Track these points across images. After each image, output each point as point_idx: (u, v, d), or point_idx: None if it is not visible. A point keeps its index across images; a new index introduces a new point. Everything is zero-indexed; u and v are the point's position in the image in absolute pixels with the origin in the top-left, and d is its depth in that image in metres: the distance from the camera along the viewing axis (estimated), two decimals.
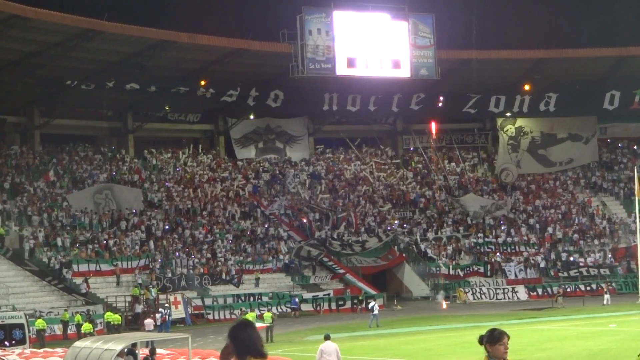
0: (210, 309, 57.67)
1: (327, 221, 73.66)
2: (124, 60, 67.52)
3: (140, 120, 76.93)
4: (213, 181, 76.02)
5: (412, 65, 73.43)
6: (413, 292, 68.96)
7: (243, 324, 7.33)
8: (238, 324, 7.33)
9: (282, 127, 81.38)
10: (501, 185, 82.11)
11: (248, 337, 7.15)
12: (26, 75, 64.63)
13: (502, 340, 9.39)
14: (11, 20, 59.17)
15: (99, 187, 70.02)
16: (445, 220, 75.87)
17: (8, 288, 52.90)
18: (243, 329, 7.24)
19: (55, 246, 60.95)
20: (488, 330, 9.65)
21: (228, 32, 70.88)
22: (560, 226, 75.67)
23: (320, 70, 71.59)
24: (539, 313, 54.67)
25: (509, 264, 71.06)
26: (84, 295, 56.58)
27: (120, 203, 68.72)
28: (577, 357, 30.34)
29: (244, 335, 7.16)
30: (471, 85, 78.39)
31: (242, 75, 72.22)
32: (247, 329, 7.24)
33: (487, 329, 9.96)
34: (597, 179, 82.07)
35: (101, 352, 23.73)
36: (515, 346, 9.56)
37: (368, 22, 73.07)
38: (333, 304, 63.11)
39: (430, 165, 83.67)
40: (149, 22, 68.31)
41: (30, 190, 66.67)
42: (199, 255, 64.80)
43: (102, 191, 69.43)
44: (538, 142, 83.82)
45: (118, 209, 68.16)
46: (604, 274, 69.92)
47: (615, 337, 36.42)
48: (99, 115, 74.53)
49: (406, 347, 37.16)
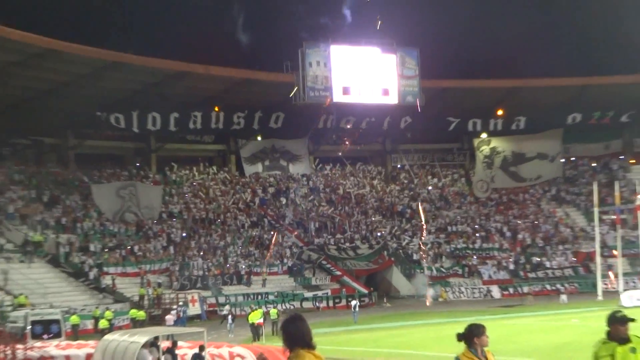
0: (223, 306, 57.61)
1: (326, 229, 73.69)
2: (146, 89, 67.64)
3: (162, 141, 76.92)
4: (225, 194, 76.02)
5: (400, 93, 73.63)
6: (400, 291, 68.92)
7: (294, 318, 7.31)
8: (290, 318, 7.34)
9: (285, 147, 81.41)
10: (477, 198, 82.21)
11: (297, 329, 7.15)
12: (61, 102, 64.70)
13: (485, 332, 9.54)
14: (47, 54, 59.35)
15: (124, 184, 70.42)
16: (428, 228, 75.88)
17: (46, 288, 52.86)
18: (293, 322, 7.22)
19: (87, 251, 61.00)
20: (472, 325, 9.73)
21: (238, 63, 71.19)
22: (528, 233, 75.78)
23: (319, 97, 71.78)
24: (510, 310, 54.64)
25: (484, 266, 71.10)
26: (112, 293, 56.64)
27: (141, 200, 68.90)
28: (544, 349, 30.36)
29: (293, 328, 7.16)
30: (451, 110, 78.65)
31: (250, 102, 72.39)
32: (297, 322, 7.22)
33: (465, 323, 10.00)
34: (561, 193, 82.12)
35: (128, 344, 23.76)
36: (489, 339, 9.62)
37: (361, 55, 73.26)
38: (330, 302, 63.18)
39: (415, 180, 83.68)
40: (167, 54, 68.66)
41: (66, 203, 66.73)
42: (213, 259, 64.80)
43: (127, 187, 69.75)
44: (510, 160, 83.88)
45: (139, 204, 68.39)
46: (567, 274, 70.05)
47: (577, 331, 36.38)
48: (125, 137, 74.59)
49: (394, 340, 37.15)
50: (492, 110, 79.98)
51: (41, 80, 62.27)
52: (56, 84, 63.18)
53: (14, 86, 61.70)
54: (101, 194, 68.26)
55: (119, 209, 67.70)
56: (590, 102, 77.56)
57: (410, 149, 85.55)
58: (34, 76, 61.35)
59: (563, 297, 60.65)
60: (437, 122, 79.59)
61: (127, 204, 68.21)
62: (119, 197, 68.30)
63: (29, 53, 58.73)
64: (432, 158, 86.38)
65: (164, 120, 70.90)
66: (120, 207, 67.85)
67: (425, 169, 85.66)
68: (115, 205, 67.80)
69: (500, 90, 78.53)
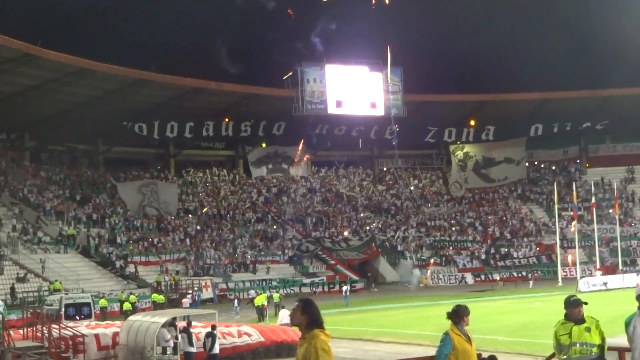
0: (233, 290, 57.50)
1: (321, 224, 73.66)
2: (166, 102, 67.69)
3: (179, 148, 76.93)
4: (234, 193, 76.00)
5: (386, 105, 73.77)
6: (386, 278, 68.77)
7: (310, 302, 7.21)
8: (308, 301, 7.23)
9: (286, 153, 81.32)
10: (453, 196, 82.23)
11: (317, 311, 7.10)
12: (92, 114, 64.64)
13: (469, 313, 9.70)
14: (82, 72, 59.42)
15: (145, 182, 70.74)
16: (411, 223, 75.88)
17: (78, 275, 52.86)
18: (312, 305, 7.15)
19: (114, 243, 60.97)
20: (460, 306, 9.82)
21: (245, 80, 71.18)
22: (498, 227, 75.72)
23: (316, 109, 72.00)
24: (482, 294, 54.65)
25: (459, 256, 71.05)
26: (135, 279, 56.62)
27: (160, 196, 69.18)
28: (512, 327, 30.34)
29: (314, 309, 7.10)
30: (430, 120, 78.71)
31: (256, 113, 72.40)
32: (313, 305, 7.15)
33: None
34: (526, 192, 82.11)
35: (149, 324, 23.72)
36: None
37: (352, 73, 73.51)
38: (326, 287, 63.00)
39: (399, 181, 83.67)
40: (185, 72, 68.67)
41: (96, 201, 66.69)
42: (223, 250, 64.75)
43: (149, 185, 70.20)
44: (480, 164, 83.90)
45: (159, 200, 68.70)
46: (531, 263, 70.05)
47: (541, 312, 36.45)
48: (147, 143, 74.54)
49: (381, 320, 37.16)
50: (465, 120, 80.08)
51: (75, 95, 62.33)
52: (88, 97, 63.20)
53: (52, 100, 61.78)
54: (126, 191, 68.80)
55: (140, 203, 68.04)
56: (550, 114, 77.62)
57: (395, 154, 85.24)
58: (70, 91, 61.45)
59: (530, 283, 60.91)
60: (417, 130, 79.56)
61: (149, 199, 68.73)
62: (141, 193, 68.96)
63: (65, 71, 58.87)
64: (413, 162, 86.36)
65: (181, 128, 70.95)
66: (142, 202, 68.27)
67: (407, 172, 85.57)
68: (137, 200, 68.30)
69: (472, 104, 78.70)
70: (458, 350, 9.42)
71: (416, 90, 76.87)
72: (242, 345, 26.63)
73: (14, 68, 55.96)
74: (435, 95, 78.54)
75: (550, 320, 10.38)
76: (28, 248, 55.12)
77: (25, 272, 51.24)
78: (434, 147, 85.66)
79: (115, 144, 73.49)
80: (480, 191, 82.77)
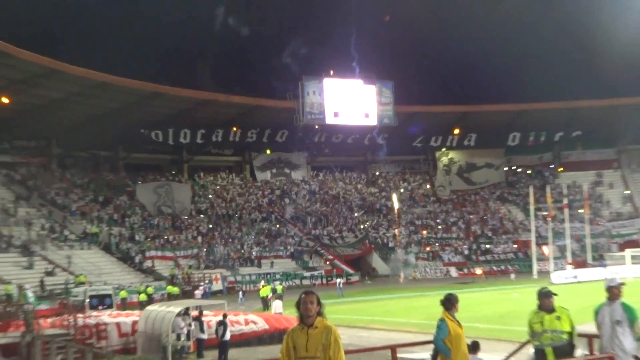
0: (240, 283, 57.50)
1: (320, 223, 73.66)
2: (179, 113, 67.72)
3: (192, 154, 76.95)
4: (241, 195, 75.97)
5: (378, 116, 73.86)
6: (379, 271, 68.79)
7: (314, 293, 7.52)
8: (314, 293, 7.52)
9: (288, 159, 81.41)
10: (438, 198, 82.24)
11: (319, 302, 7.38)
12: (113, 123, 64.70)
13: (459, 301, 9.85)
14: (103, 86, 59.49)
15: (161, 183, 70.93)
16: (400, 222, 75.88)
17: (101, 269, 52.83)
18: (317, 297, 7.46)
19: (133, 240, 60.96)
20: (452, 294, 9.96)
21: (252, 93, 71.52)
22: (479, 226, 75.76)
23: (315, 119, 72.06)
24: (465, 285, 54.58)
25: (444, 252, 71.04)
26: (152, 273, 56.60)
27: (174, 196, 69.21)
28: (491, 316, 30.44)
29: (319, 301, 7.42)
30: (419, 129, 78.81)
31: (261, 122, 72.41)
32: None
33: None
34: (505, 194, 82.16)
35: (165, 313, 23.76)
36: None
37: (347, 86, 73.52)
38: (324, 279, 62.86)
39: (390, 184, 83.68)
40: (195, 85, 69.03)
41: (116, 202, 66.68)
42: (232, 246, 64.70)
43: (164, 186, 70.31)
44: (464, 168, 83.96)
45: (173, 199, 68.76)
46: (510, 258, 70.10)
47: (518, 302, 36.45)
48: (163, 150, 74.56)
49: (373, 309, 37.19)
50: (450, 129, 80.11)
51: (97, 106, 62.31)
52: (109, 109, 63.18)
53: (77, 111, 61.83)
54: (143, 192, 68.89)
55: (155, 203, 68.17)
56: (526, 124, 77.76)
57: (386, 160, 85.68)
58: (92, 103, 61.43)
59: (512, 276, 61.06)
60: (407, 138, 79.67)
61: (163, 199, 68.77)
62: (157, 193, 69.11)
63: (88, 85, 58.87)
64: (403, 167, 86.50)
65: (193, 136, 70.95)
66: (157, 202, 68.42)
67: (397, 176, 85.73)
68: (153, 199, 68.34)
69: (456, 114, 78.73)
70: (452, 335, 9.50)
71: (406, 102, 77.00)
72: (249, 332, 26.71)
73: (42, 82, 56.01)
74: (423, 106, 78.73)
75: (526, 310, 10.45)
76: (56, 245, 55.09)
77: (53, 266, 51.23)
78: (421, 153, 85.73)
79: (134, 151, 73.55)
80: (463, 193, 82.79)
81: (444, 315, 9.67)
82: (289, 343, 7.19)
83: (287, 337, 7.26)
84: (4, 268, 48.90)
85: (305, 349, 7.09)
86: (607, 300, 9.35)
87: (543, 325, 9.41)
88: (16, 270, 49.39)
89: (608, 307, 9.30)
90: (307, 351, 7.08)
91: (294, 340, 7.14)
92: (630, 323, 9.11)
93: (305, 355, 7.11)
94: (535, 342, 9.50)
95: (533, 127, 78.29)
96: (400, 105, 75.62)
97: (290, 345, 7.18)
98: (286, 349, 7.19)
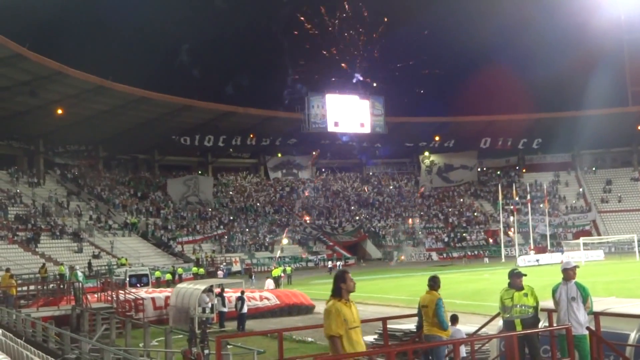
0: (255, 265, 57.54)
1: (323, 215, 73.61)
2: (205, 122, 67.68)
3: (216, 157, 76.91)
4: (257, 192, 75.94)
5: (371, 125, 74.07)
6: (372, 255, 68.80)
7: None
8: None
9: (297, 161, 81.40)
10: (422, 194, 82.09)
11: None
12: (150, 131, 64.76)
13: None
14: (141, 100, 59.50)
15: (189, 177, 71.38)
16: (390, 214, 75.81)
17: (139, 253, 52.92)
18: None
19: (166, 229, 60.97)
20: (436, 276, 10.03)
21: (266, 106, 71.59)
22: (456, 217, 75.59)
23: (318, 128, 72.16)
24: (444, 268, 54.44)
25: (427, 239, 70.96)
26: (181, 256, 56.62)
27: (199, 187, 69.52)
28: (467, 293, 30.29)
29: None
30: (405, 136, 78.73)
31: (273, 130, 72.36)
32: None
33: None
34: (477, 191, 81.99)
35: (192, 290, 23.71)
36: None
37: (345, 101, 73.86)
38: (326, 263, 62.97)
39: (382, 182, 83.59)
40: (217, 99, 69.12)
41: (152, 197, 66.69)
42: (248, 234, 64.66)
43: (192, 179, 70.72)
44: (443, 169, 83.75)
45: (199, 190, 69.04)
46: (482, 244, 69.96)
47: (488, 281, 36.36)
48: (191, 153, 74.57)
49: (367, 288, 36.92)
50: (431, 136, 79.92)
51: (138, 117, 62.33)
52: (147, 119, 63.21)
53: (120, 120, 61.80)
54: (173, 185, 69.14)
55: (184, 194, 68.22)
56: (495, 131, 77.56)
57: (379, 162, 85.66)
58: (133, 114, 61.39)
59: (485, 259, 60.96)
60: (396, 144, 79.63)
61: (192, 190, 68.88)
62: (186, 185, 69.51)
63: (129, 99, 58.90)
64: (392, 168, 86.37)
65: (216, 141, 70.88)
66: (186, 193, 68.52)
67: (388, 175, 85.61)
68: (183, 190, 68.65)
69: (437, 124, 78.40)
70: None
71: (395, 114, 77.12)
72: (263, 307, 26.63)
73: (91, 97, 56.05)
74: (409, 117, 78.63)
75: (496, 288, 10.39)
76: (101, 233, 55.20)
77: (99, 251, 51.31)
78: (408, 156, 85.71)
79: (167, 154, 73.56)
80: (442, 190, 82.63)
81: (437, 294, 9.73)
82: (341, 317, 6.85)
83: (336, 312, 6.82)
84: (58, 252, 49.01)
85: (353, 320, 6.90)
86: (563, 280, 9.30)
87: (513, 301, 9.35)
88: (68, 253, 49.47)
89: (564, 286, 9.25)
90: (354, 321, 6.91)
91: (344, 314, 6.87)
92: (584, 299, 9.09)
93: (355, 325, 6.92)
94: (506, 315, 9.44)
95: (501, 134, 78.12)
96: (390, 116, 75.74)
97: (342, 319, 6.87)
98: (341, 322, 6.78)
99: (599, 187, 78.97)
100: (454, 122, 77.86)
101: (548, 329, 9.24)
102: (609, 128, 72.77)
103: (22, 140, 62.54)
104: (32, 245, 48.22)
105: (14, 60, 47.42)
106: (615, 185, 78.53)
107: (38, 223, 52.12)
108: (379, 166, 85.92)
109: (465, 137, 78.84)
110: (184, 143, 68.99)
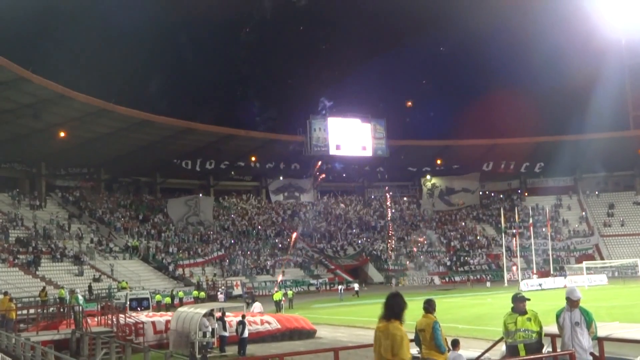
0: (257, 288, 57.27)
1: (324, 238, 73.41)
2: (207, 145, 67.82)
3: (217, 180, 76.97)
4: (259, 215, 75.82)
5: (373, 148, 74.16)
6: (374, 279, 68.50)
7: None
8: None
9: (298, 184, 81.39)
10: (423, 217, 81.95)
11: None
12: (152, 154, 64.90)
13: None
14: (144, 123, 59.72)
15: (190, 197, 71.17)
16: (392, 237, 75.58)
17: (140, 277, 52.76)
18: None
19: (167, 252, 60.80)
20: (431, 299, 9.84)
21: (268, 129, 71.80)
22: (458, 241, 75.39)
23: (320, 151, 72.23)
24: (447, 292, 54.22)
25: (429, 262, 70.68)
26: (182, 280, 56.37)
27: (200, 208, 69.32)
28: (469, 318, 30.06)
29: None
30: (407, 159, 78.85)
31: (275, 153, 72.52)
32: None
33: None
34: (479, 214, 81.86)
35: (193, 314, 23.58)
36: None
37: (347, 124, 74.00)
38: (327, 286, 62.68)
39: (384, 205, 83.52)
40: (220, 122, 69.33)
41: (154, 220, 66.60)
42: (250, 257, 64.46)
43: (193, 199, 70.51)
44: (444, 192, 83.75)
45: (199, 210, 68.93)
46: (484, 268, 69.66)
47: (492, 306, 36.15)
48: (193, 176, 74.68)
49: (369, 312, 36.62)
50: (433, 159, 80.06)
51: (140, 140, 62.51)
52: (149, 142, 63.39)
53: (122, 143, 62.00)
54: (173, 205, 69.07)
55: (185, 215, 68.22)
56: (498, 155, 77.65)
57: (380, 185, 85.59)
58: (135, 137, 61.54)
59: (488, 283, 60.69)
60: (397, 167, 79.70)
61: (193, 209, 68.88)
62: (187, 205, 69.44)
63: (132, 122, 59.08)
64: (394, 191, 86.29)
65: (218, 165, 71.05)
66: (186, 213, 68.55)
67: (389, 198, 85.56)
68: (183, 211, 68.61)
69: (439, 147, 78.65)
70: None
71: (396, 137, 77.25)
72: (264, 331, 26.48)
73: (93, 120, 56.30)
74: (411, 140, 78.77)
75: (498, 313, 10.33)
76: (102, 255, 55.06)
77: (100, 274, 51.14)
78: (410, 179, 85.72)
79: (169, 177, 73.65)
80: (444, 213, 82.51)
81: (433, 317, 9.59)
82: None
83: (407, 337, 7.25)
84: (58, 275, 48.86)
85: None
86: (567, 305, 9.25)
87: (516, 325, 9.30)
88: (69, 276, 49.32)
89: (568, 311, 9.20)
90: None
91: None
92: (588, 324, 9.02)
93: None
94: (509, 340, 9.37)
95: (503, 158, 78.22)
96: (391, 139, 75.85)
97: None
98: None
99: (602, 210, 78.85)
100: (456, 145, 78.03)
101: (552, 354, 9.17)
102: (611, 152, 72.94)
103: (24, 163, 62.78)
104: (32, 268, 48.10)
105: (18, 83, 47.76)
106: (617, 209, 78.42)
107: (39, 246, 52.04)
108: (381, 189, 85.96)
109: (467, 160, 78.92)
110: (185, 167, 69.18)
